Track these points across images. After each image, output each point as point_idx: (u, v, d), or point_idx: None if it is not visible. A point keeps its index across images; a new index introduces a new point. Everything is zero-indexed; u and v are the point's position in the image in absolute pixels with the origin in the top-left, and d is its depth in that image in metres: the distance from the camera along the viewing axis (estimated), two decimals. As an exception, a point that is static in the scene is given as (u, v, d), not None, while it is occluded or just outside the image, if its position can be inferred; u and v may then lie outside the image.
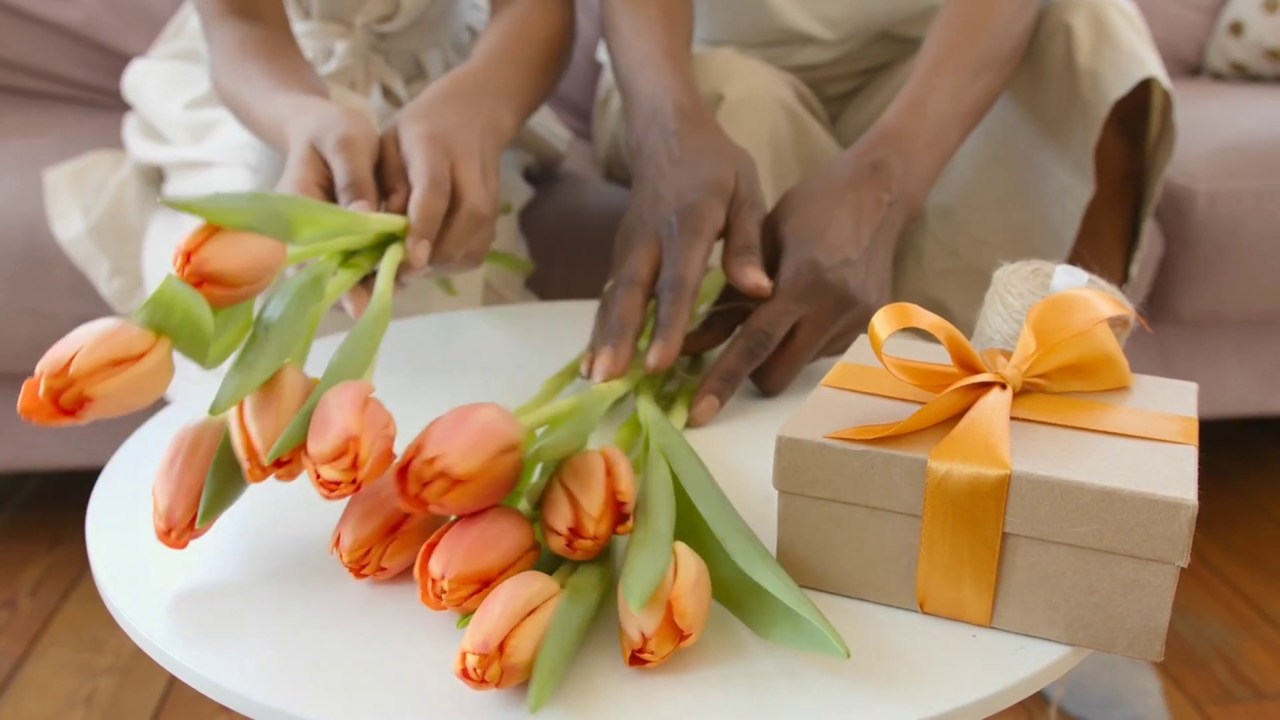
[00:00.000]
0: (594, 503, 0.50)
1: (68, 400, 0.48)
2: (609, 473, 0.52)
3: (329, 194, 0.72)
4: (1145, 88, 0.98)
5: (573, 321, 0.89)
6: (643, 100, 0.87)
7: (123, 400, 0.50)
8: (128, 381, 0.49)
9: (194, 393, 0.76)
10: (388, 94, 1.11)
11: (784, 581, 0.49)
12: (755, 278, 0.74)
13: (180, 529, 0.53)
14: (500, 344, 0.85)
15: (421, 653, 0.49)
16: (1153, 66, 0.94)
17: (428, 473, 0.49)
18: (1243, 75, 1.83)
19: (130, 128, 1.22)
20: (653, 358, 0.70)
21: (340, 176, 0.71)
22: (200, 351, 0.52)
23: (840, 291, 0.74)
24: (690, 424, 0.71)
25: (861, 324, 0.77)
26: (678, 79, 0.87)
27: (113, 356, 0.49)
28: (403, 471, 0.49)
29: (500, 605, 0.46)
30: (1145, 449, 0.51)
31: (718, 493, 0.56)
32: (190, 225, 0.54)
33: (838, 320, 0.75)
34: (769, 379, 0.75)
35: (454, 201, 0.73)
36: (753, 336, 0.73)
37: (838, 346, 0.78)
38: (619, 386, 0.68)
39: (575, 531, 0.50)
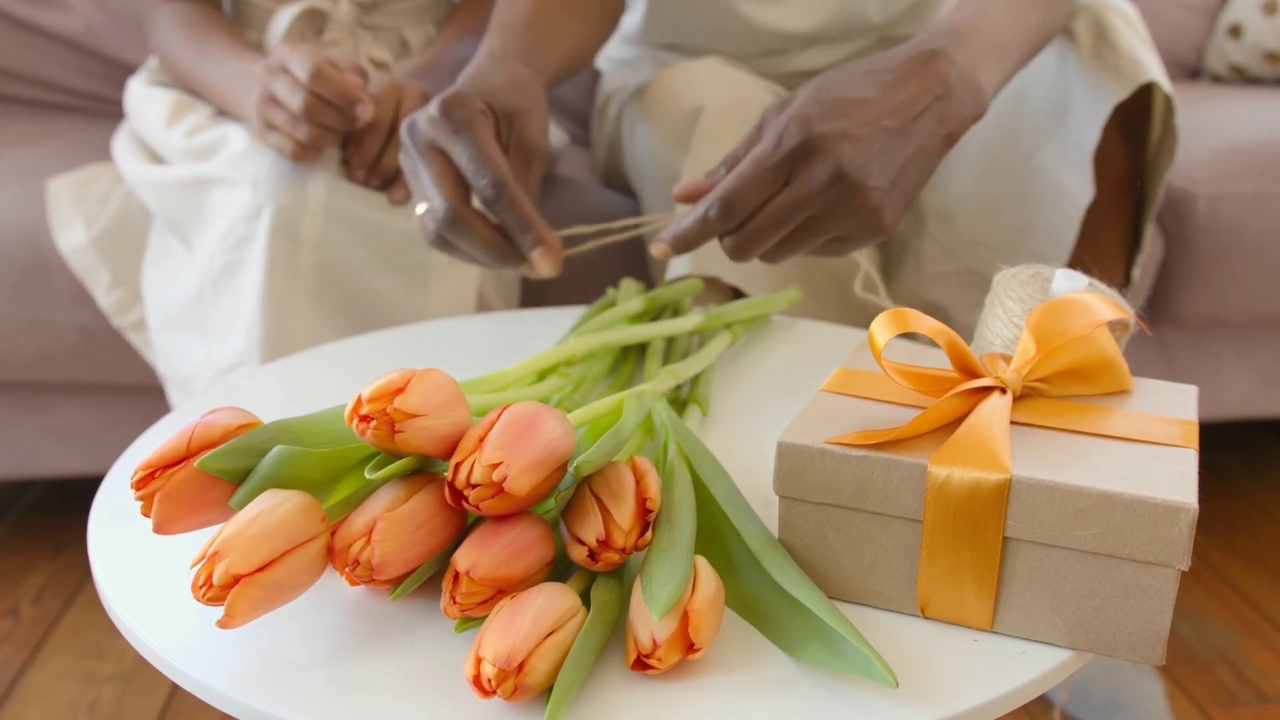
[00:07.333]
0: (625, 515, 0.50)
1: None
2: (638, 481, 0.51)
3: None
4: (1146, 91, 0.98)
5: (570, 326, 0.88)
6: (480, 55, 0.82)
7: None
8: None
9: (190, 405, 0.76)
10: (379, 66, 1.17)
11: (825, 604, 0.49)
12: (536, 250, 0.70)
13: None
14: (497, 347, 0.85)
15: (423, 659, 0.49)
16: (1154, 70, 0.94)
17: (481, 477, 0.47)
18: (1242, 78, 1.83)
19: (122, 147, 1.21)
20: (541, 268, 0.70)
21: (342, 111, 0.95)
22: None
23: (833, 164, 0.62)
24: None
25: (860, 213, 0.64)
26: (518, 45, 0.83)
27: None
28: (457, 465, 0.48)
29: (529, 623, 0.45)
30: (1146, 453, 0.51)
31: (746, 505, 0.56)
32: (175, 245, 0.52)
33: (826, 198, 0.64)
34: (734, 247, 0.66)
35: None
36: (713, 205, 0.64)
37: (831, 240, 0.67)
38: (659, 386, 0.66)
39: (603, 544, 0.49)
